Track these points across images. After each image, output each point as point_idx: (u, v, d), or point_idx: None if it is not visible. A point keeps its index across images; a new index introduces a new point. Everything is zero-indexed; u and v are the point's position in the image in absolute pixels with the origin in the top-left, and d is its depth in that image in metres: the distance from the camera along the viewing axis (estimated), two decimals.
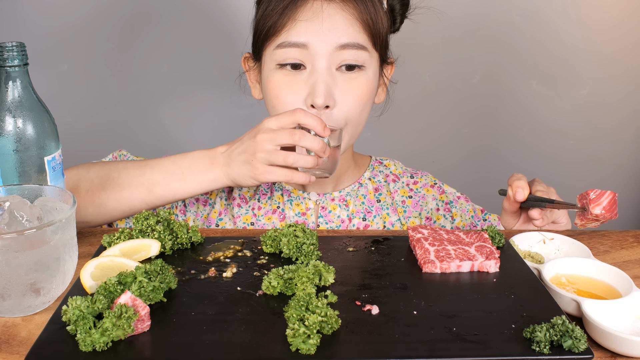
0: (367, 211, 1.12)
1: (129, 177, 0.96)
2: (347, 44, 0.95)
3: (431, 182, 1.17)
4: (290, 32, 0.96)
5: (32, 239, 0.65)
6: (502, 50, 2.00)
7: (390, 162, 1.19)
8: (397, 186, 1.15)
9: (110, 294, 0.65)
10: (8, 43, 0.76)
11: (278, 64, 0.98)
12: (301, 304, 0.62)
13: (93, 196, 0.96)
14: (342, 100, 0.97)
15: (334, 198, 1.12)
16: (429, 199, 1.15)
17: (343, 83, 0.97)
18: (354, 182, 1.14)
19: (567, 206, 0.90)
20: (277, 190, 1.12)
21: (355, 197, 1.12)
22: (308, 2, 0.96)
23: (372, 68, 1.00)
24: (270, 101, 1.01)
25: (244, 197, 1.12)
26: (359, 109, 0.99)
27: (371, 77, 1.00)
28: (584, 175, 2.10)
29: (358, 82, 0.98)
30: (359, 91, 0.98)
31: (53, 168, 0.80)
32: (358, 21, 0.96)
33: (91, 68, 1.93)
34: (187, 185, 0.95)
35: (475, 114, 2.07)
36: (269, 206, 1.11)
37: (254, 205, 1.11)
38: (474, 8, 1.95)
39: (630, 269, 0.83)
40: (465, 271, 0.76)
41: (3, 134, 0.77)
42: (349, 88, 0.97)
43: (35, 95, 0.79)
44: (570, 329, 0.60)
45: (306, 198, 1.11)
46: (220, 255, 0.80)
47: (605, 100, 2.06)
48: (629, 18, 1.98)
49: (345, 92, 0.97)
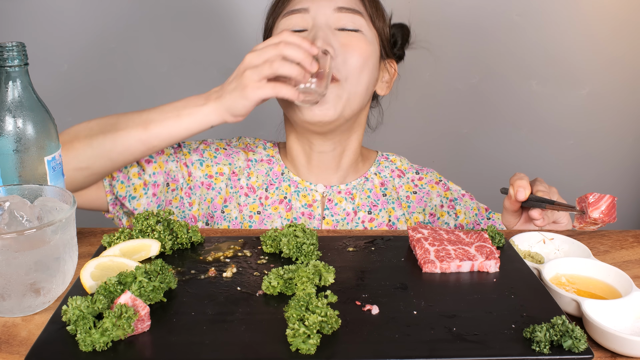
0: (372, 205, 1.13)
1: (126, 120, 0.98)
2: (343, 7, 1.03)
3: (436, 179, 1.19)
4: (294, 2, 1.05)
5: (32, 239, 0.65)
6: (502, 50, 2.00)
7: (397, 157, 1.21)
8: (402, 181, 1.17)
9: (110, 294, 0.65)
10: (8, 43, 0.76)
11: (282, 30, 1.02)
12: (301, 304, 0.62)
13: (91, 139, 0.97)
14: (342, 51, 1.01)
15: (340, 191, 1.13)
16: (433, 195, 1.16)
17: (342, 37, 1.03)
18: (361, 176, 1.16)
19: (567, 208, 0.90)
20: (285, 181, 1.13)
21: (361, 191, 1.14)
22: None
23: (370, 35, 1.05)
24: None
25: (251, 187, 1.12)
26: (358, 64, 1.02)
27: (369, 39, 1.05)
28: (584, 176, 2.10)
29: (357, 39, 1.03)
30: (357, 47, 1.03)
31: (53, 168, 0.80)
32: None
33: (91, 68, 1.93)
34: (181, 121, 0.97)
35: (475, 114, 2.07)
36: (276, 196, 1.12)
37: (262, 194, 1.12)
38: (474, 8, 1.95)
39: (630, 269, 0.83)
40: (465, 271, 0.76)
41: (3, 134, 0.77)
42: (347, 42, 1.02)
43: (35, 95, 0.79)
44: (570, 329, 0.60)
45: (313, 190, 1.12)
46: (220, 255, 0.80)
47: (606, 100, 2.05)
48: (629, 18, 1.98)
49: (344, 45, 1.02)
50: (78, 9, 1.89)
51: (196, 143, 1.15)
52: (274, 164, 1.15)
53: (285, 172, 1.14)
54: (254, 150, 1.17)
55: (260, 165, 1.14)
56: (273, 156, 1.16)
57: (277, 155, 1.16)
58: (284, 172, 1.14)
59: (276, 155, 1.16)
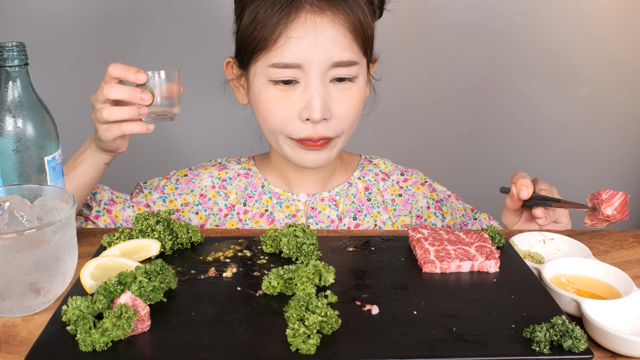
0: (357, 210, 1.12)
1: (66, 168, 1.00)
2: (340, 62, 0.96)
3: (421, 180, 1.17)
4: (284, 51, 0.94)
5: (32, 239, 0.65)
6: (502, 50, 2.00)
7: (380, 160, 1.19)
8: (386, 184, 1.15)
9: (110, 294, 0.65)
10: (8, 43, 0.76)
11: (271, 80, 0.97)
12: (301, 304, 0.62)
13: None
14: (338, 111, 0.98)
15: (323, 198, 1.12)
16: (419, 197, 1.15)
17: (337, 94, 0.98)
18: (344, 182, 1.14)
19: (577, 206, 0.90)
20: (266, 194, 1.11)
21: (345, 197, 1.12)
22: (301, 17, 0.94)
23: (362, 76, 1.01)
24: (263, 115, 1.01)
25: (229, 205, 1.11)
26: (353, 117, 1.01)
27: (362, 85, 1.01)
28: (584, 175, 2.10)
29: (351, 92, 0.99)
30: (352, 101, 0.99)
31: (53, 168, 0.80)
32: (349, 32, 0.96)
33: (91, 68, 1.93)
34: (78, 170, 0.98)
35: (475, 114, 2.07)
36: (256, 209, 1.10)
37: (240, 209, 1.11)
38: (474, 8, 1.95)
39: (630, 269, 0.83)
40: (465, 271, 0.76)
41: (3, 134, 0.77)
42: (343, 99, 0.98)
43: (35, 95, 0.79)
44: (570, 329, 0.60)
45: (295, 199, 1.11)
46: (220, 255, 0.80)
47: (605, 100, 2.05)
48: (629, 18, 1.98)
49: (340, 104, 0.98)
50: (78, 9, 1.89)
51: (159, 179, 1.15)
52: (252, 177, 1.13)
53: (265, 185, 1.12)
54: (227, 167, 1.15)
55: (237, 181, 1.13)
56: (250, 169, 1.14)
57: (254, 167, 1.14)
58: (264, 184, 1.12)
59: (253, 168, 1.14)
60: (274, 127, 1.00)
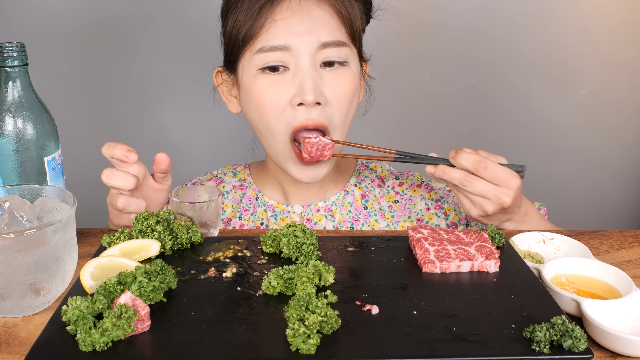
0: (354, 219, 1.09)
1: None
2: (328, 42, 0.94)
3: (418, 181, 1.15)
4: (269, 34, 0.93)
5: (32, 239, 0.65)
6: (502, 50, 2.00)
7: (377, 164, 1.17)
8: (382, 192, 1.13)
9: (110, 294, 0.65)
10: (8, 43, 0.76)
11: (259, 68, 0.95)
12: (301, 304, 0.62)
13: None
14: (332, 96, 0.95)
15: (319, 209, 1.09)
16: (416, 199, 1.12)
17: (330, 80, 0.95)
18: (340, 190, 1.11)
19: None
20: (260, 206, 1.10)
21: (341, 206, 1.10)
22: (285, 1, 0.93)
23: (354, 63, 0.99)
24: (257, 109, 0.97)
25: (226, 220, 1.10)
26: (347, 105, 0.97)
27: (355, 72, 0.99)
28: (584, 175, 2.11)
29: (345, 77, 0.96)
30: (346, 87, 0.96)
31: (53, 168, 0.80)
32: (336, 16, 0.95)
33: (91, 68, 1.93)
34: None
35: (476, 113, 2.07)
36: (251, 223, 1.09)
37: (235, 223, 1.10)
38: (474, 8, 1.95)
39: (630, 269, 0.83)
40: (465, 271, 0.76)
41: (3, 134, 0.77)
42: (336, 84, 0.95)
43: (35, 96, 0.79)
44: (570, 329, 0.60)
45: (290, 211, 1.09)
46: (220, 255, 0.80)
47: (605, 100, 2.06)
48: (629, 18, 1.98)
49: (333, 89, 0.95)
50: (78, 9, 1.89)
51: None
52: (247, 188, 1.12)
53: (259, 197, 1.10)
54: (224, 180, 1.14)
55: (233, 194, 1.12)
56: (245, 179, 1.13)
57: (249, 178, 1.13)
58: (258, 196, 1.10)
59: (248, 179, 1.13)
60: (270, 122, 0.96)
